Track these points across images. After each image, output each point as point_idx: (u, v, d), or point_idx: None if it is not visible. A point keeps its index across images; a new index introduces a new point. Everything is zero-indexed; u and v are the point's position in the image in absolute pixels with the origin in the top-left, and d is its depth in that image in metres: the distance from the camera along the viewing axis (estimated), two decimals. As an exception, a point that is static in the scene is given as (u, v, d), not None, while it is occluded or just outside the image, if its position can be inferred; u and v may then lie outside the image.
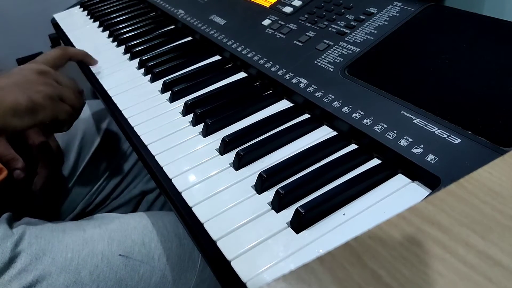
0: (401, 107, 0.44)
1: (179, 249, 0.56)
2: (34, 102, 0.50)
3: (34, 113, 0.50)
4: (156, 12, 0.90)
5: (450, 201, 0.21)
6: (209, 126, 0.51)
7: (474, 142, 0.38)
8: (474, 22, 0.51)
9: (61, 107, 0.54)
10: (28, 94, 0.50)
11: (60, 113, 0.54)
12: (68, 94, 0.56)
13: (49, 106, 0.52)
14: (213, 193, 0.43)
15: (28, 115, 0.50)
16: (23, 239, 0.50)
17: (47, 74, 0.55)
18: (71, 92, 0.57)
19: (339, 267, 0.19)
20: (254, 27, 0.66)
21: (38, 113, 0.51)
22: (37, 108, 0.50)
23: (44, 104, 0.51)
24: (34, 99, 0.50)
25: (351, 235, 0.20)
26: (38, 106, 0.51)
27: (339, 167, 0.43)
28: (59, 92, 0.55)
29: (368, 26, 0.56)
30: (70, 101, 0.56)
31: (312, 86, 0.51)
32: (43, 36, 1.01)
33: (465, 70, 0.45)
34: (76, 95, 0.58)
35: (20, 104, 0.49)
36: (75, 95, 0.58)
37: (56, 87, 0.55)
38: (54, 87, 0.54)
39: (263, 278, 0.34)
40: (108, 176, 0.79)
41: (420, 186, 0.39)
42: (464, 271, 0.18)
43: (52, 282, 0.48)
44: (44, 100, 0.51)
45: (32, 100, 0.50)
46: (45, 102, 0.51)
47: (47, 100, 0.52)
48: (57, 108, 0.54)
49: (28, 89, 0.50)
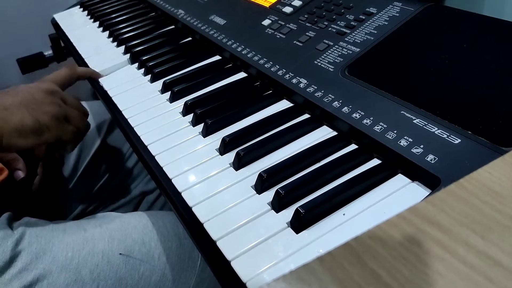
0: (401, 107, 0.44)
1: (179, 249, 0.56)
2: (40, 122, 0.50)
3: (39, 133, 0.50)
4: (156, 12, 0.90)
5: (450, 201, 0.21)
6: (209, 126, 0.51)
7: (474, 142, 0.38)
8: (474, 22, 0.51)
9: (66, 128, 0.54)
10: (34, 115, 0.50)
11: (65, 134, 0.54)
12: (73, 115, 0.56)
13: (55, 126, 0.52)
14: (213, 193, 0.43)
15: (33, 135, 0.50)
16: (24, 239, 0.50)
17: (55, 93, 0.55)
18: (77, 114, 0.57)
19: (339, 267, 0.19)
20: (254, 27, 0.66)
21: (43, 133, 0.51)
22: (43, 129, 0.50)
23: (49, 124, 0.51)
24: (40, 119, 0.50)
25: (351, 235, 0.20)
26: (44, 127, 0.51)
27: (339, 167, 0.43)
28: (65, 112, 0.55)
29: (368, 26, 0.56)
30: (75, 122, 0.56)
31: (312, 86, 0.51)
32: (43, 36, 1.01)
33: (465, 70, 0.45)
34: (82, 116, 0.59)
35: (26, 124, 0.49)
36: (81, 116, 0.58)
37: (63, 107, 0.55)
38: (61, 108, 0.54)
39: (263, 278, 0.34)
40: (109, 177, 0.79)
41: (420, 186, 0.39)
42: (464, 271, 0.18)
43: (53, 281, 0.48)
44: (50, 121, 0.51)
45: (38, 121, 0.50)
46: (51, 123, 0.51)
47: (53, 120, 0.52)
48: (62, 129, 0.53)
49: (34, 109, 0.50)
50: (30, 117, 0.49)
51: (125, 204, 0.79)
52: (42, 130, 0.50)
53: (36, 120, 0.50)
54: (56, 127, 0.52)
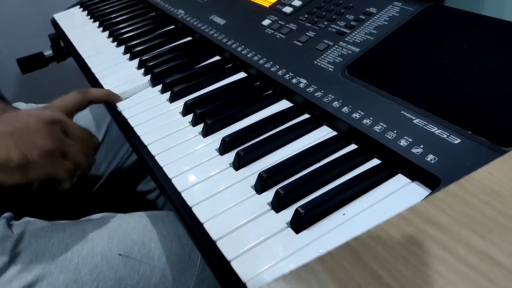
0: (401, 107, 0.44)
1: (179, 249, 0.56)
2: (27, 159, 0.45)
3: (26, 170, 0.45)
4: (156, 12, 0.90)
5: (450, 201, 0.21)
6: (209, 126, 0.51)
7: (474, 142, 0.38)
8: (474, 22, 0.51)
9: (61, 165, 0.49)
10: (23, 149, 0.44)
11: (58, 171, 0.49)
12: (73, 151, 0.50)
13: (45, 163, 0.46)
14: (213, 193, 0.43)
15: (19, 172, 0.45)
16: (23, 239, 0.50)
17: (55, 124, 0.49)
18: (78, 148, 0.51)
19: (339, 267, 0.19)
20: (254, 27, 0.66)
21: (30, 171, 0.45)
22: (30, 166, 0.45)
23: (38, 161, 0.45)
24: (28, 155, 0.45)
25: (351, 235, 0.20)
26: (32, 163, 0.45)
27: (339, 167, 0.43)
28: (62, 147, 0.48)
29: (368, 26, 0.56)
30: (74, 158, 0.50)
31: (312, 86, 0.51)
32: (43, 36, 1.01)
33: (465, 70, 0.45)
34: (85, 152, 0.52)
35: (12, 160, 0.44)
36: (84, 151, 0.52)
37: (61, 141, 0.49)
38: (58, 142, 0.48)
39: (263, 278, 0.34)
40: (108, 177, 0.79)
41: (420, 186, 0.39)
42: (464, 271, 0.18)
43: (52, 282, 0.48)
44: (39, 158, 0.45)
45: (25, 156, 0.44)
46: (40, 160, 0.46)
47: (43, 157, 0.46)
48: (55, 166, 0.48)
49: (25, 142, 0.45)
50: (18, 151, 0.44)
51: (125, 204, 0.79)
52: (29, 167, 0.45)
53: (23, 155, 0.44)
54: (46, 164, 0.46)
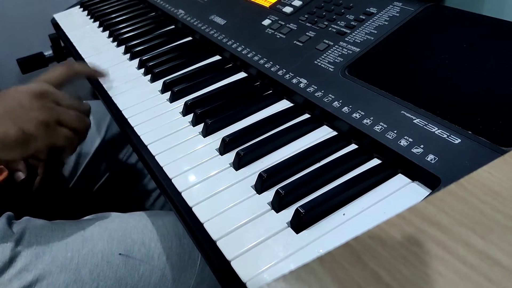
0: (401, 107, 0.44)
1: (179, 249, 0.56)
2: (25, 132, 0.45)
3: (25, 144, 0.46)
4: (156, 12, 0.90)
5: (450, 201, 0.21)
6: (209, 126, 0.51)
7: (474, 142, 0.38)
8: (474, 22, 0.51)
9: (59, 133, 0.50)
10: (18, 124, 0.45)
11: (58, 139, 0.49)
12: (67, 117, 0.51)
13: (43, 134, 0.47)
14: (213, 193, 0.43)
15: (19, 147, 0.46)
16: (23, 239, 0.50)
17: (45, 95, 0.50)
18: (72, 114, 0.52)
19: (339, 267, 0.19)
20: (254, 27, 0.66)
21: (30, 143, 0.46)
22: (29, 139, 0.46)
23: (36, 133, 0.46)
24: (25, 129, 0.46)
25: (351, 235, 0.20)
26: (30, 137, 0.46)
27: (339, 167, 0.43)
28: (56, 116, 0.49)
29: (368, 26, 0.56)
30: (70, 124, 0.51)
31: (312, 86, 0.51)
32: (43, 36, 1.01)
33: (465, 70, 0.45)
34: (79, 116, 0.53)
35: (9, 135, 0.45)
36: (78, 116, 0.53)
37: (54, 110, 0.49)
38: (51, 111, 0.49)
39: (263, 278, 0.34)
40: (108, 177, 0.79)
41: (420, 186, 0.39)
42: (464, 271, 0.18)
43: (52, 281, 0.48)
44: (36, 129, 0.46)
45: (22, 131, 0.45)
46: (38, 131, 0.47)
47: (40, 128, 0.47)
48: (53, 135, 0.49)
49: (19, 118, 0.46)
50: (14, 127, 0.45)
51: (125, 204, 0.79)
52: (27, 140, 0.46)
53: (20, 130, 0.45)
54: (44, 134, 0.47)
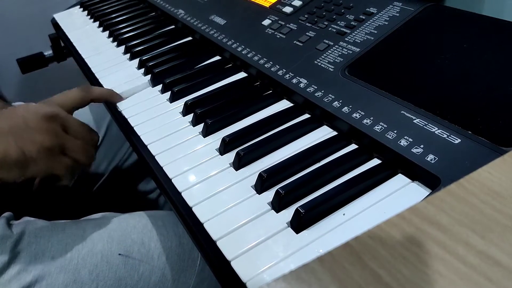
0: (401, 107, 0.44)
1: (179, 249, 0.56)
2: (25, 155, 0.45)
3: (24, 166, 0.45)
4: (156, 12, 0.90)
5: (450, 201, 0.21)
6: (209, 126, 0.51)
7: (474, 142, 0.38)
8: (474, 22, 0.51)
9: (60, 162, 0.48)
10: (21, 145, 0.44)
11: (57, 168, 0.48)
12: (72, 147, 0.49)
13: (44, 160, 0.46)
14: (213, 193, 0.43)
15: (17, 168, 0.45)
16: (23, 239, 0.50)
17: (54, 120, 0.48)
18: (78, 144, 0.50)
19: (339, 267, 0.19)
20: (254, 27, 0.66)
21: (29, 167, 0.45)
22: (28, 162, 0.45)
23: (37, 157, 0.45)
24: (26, 151, 0.45)
25: (351, 235, 0.20)
26: (30, 160, 0.45)
27: (339, 167, 0.42)
28: (61, 143, 0.48)
29: (368, 26, 0.56)
30: (74, 155, 0.50)
31: (312, 86, 0.51)
32: (43, 36, 1.01)
33: (465, 70, 0.45)
34: (85, 148, 0.51)
35: (9, 155, 0.44)
36: (83, 148, 0.51)
37: (60, 137, 0.48)
38: (57, 137, 0.48)
39: (263, 278, 0.34)
40: (108, 177, 0.79)
41: (420, 186, 0.39)
42: (464, 271, 0.18)
43: (52, 282, 0.48)
44: (38, 153, 0.45)
45: (23, 153, 0.44)
46: (39, 156, 0.46)
47: (41, 153, 0.46)
48: (54, 163, 0.48)
49: (23, 139, 0.45)
50: (16, 147, 0.44)
51: (125, 204, 0.79)
52: (27, 163, 0.45)
53: (21, 151, 0.44)
54: (45, 160, 0.46)
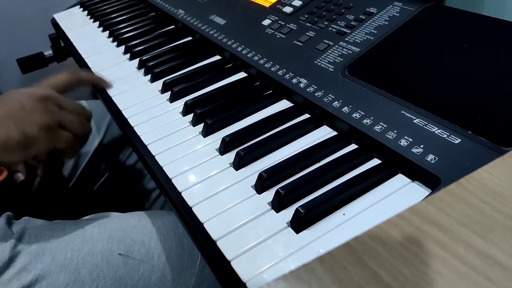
0: (401, 107, 0.44)
1: (179, 248, 0.56)
2: (27, 136, 0.46)
3: (27, 147, 0.46)
4: (156, 12, 0.90)
5: (450, 201, 0.21)
6: (209, 126, 0.51)
7: (474, 142, 0.38)
8: (474, 22, 0.51)
9: (60, 136, 0.50)
10: (21, 127, 0.46)
11: (59, 142, 0.50)
12: (69, 121, 0.51)
13: (45, 137, 0.47)
14: (213, 193, 0.43)
15: (21, 150, 0.46)
16: (23, 239, 0.50)
17: (48, 100, 0.50)
18: (74, 119, 0.52)
19: (339, 267, 0.19)
20: (254, 27, 0.66)
21: (31, 146, 0.47)
22: (30, 142, 0.46)
23: (38, 136, 0.47)
24: (27, 132, 0.46)
25: (351, 235, 0.20)
26: (32, 140, 0.46)
27: (339, 167, 0.42)
28: (58, 119, 0.50)
29: (368, 26, 0.56)
30: (72, 128, 0.51)
31: (312, 86, 0.51)
32: (43, 36, 1.01)
33: (465, 70, 0.45)
34: (81, 121, 0.53)
35: (12, 139, 0.45)
36: (79, 121, 0.53)
37: (56, 114, 0.50)
38: (54, 115, 0.49)
39: (263, 278, 0.34)
40: (108, 176, 0.79)
41: (420, 186, 0.39)
42: (464, 271, 0.18)
43: (52, 282, 0.48)
44: (38, 132, 0.47)
45: (25, 134, 0.46)
46: (40, 134, 0.47)
47: (42, 131, 0.47)
48: (55, 138, 0.49)
49: (22, 120, 0.46)
50: (16, 130, 0.45)
51: (125, 204, 0.79)
52: (29, 143, 0.46)
53: (22, 132, 0.45)
54: (46, 137, 0.47)
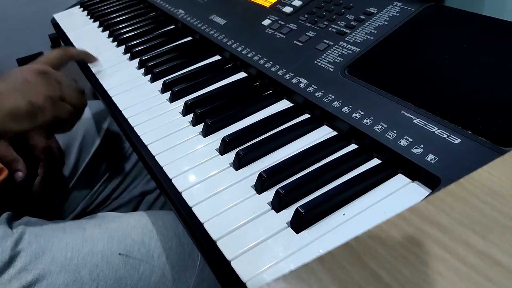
0: (401, 107, 0.44)
1: (179, 248, 0.56)
2: (33, 105, 0.49)
3: (34, 116, 0.49)
4: (156, 12, 0.90)
5: (450, 201, 0.21)
6: (209, 126, 0.51)
7: (474, 142, 0.38)
8: (474, 22, 0.51)
9: (62, 108, 0.53)
10: (27, 97, 0.49)
11: (61, 113, 0.53)
12: (69, 94, 0.55)
13: (49, 107, 0.51)
14: (213, 193, 0.43)
15: (28, 119, 0.49)
16: (23, 238, 0.50)
17: (48, 74, 0.54)
18: (72, 92, 0.56)
19: (339, 267, 0.19)
20: (254, 27, 0.66)
21: (38, 115, 0.50)
22: (37, 111, 0.50)
23: (43, 106, 0.50)
24: (33, 102, 0.49)
25: (351, 235, 0.20)
26: (38, 109, 0.50)
27: (339, 167, 0.42)
28: (59, 92, 0.53)
29: (368, 26, 0.56)
30: (71, 100, 0.55)
31: (312, 86, 0.51)
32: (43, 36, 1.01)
33: (465, 70, 0.45)
34: (78, 94, 0.57)
35: (20, 108, 0.48)
36: (77, 94, 0.57)
37: (57, 87, 0.53)
38: (55, 88, 0.53)
39: (263, 278, 0.34)
40: (109, 177, 0.79)
41: (420, 186, 0.39)
42: (464, 271, 0.18)
43: (52, 281, 0.48)
44: (44, 102, 0.50)
45: (31, 104, 0.49)
46: (45, 104, 0.50)
47: (47, 101, 0.51)
48: (58, 109, 0.52)
49: (27, 92, 0.50)
50: (23, 100, 0.48)
51: (125, 204, 0.79)
52: (36, 112, 0.49)
53: (29, 102, 0.49)
54: (50, 107, 0.51)
